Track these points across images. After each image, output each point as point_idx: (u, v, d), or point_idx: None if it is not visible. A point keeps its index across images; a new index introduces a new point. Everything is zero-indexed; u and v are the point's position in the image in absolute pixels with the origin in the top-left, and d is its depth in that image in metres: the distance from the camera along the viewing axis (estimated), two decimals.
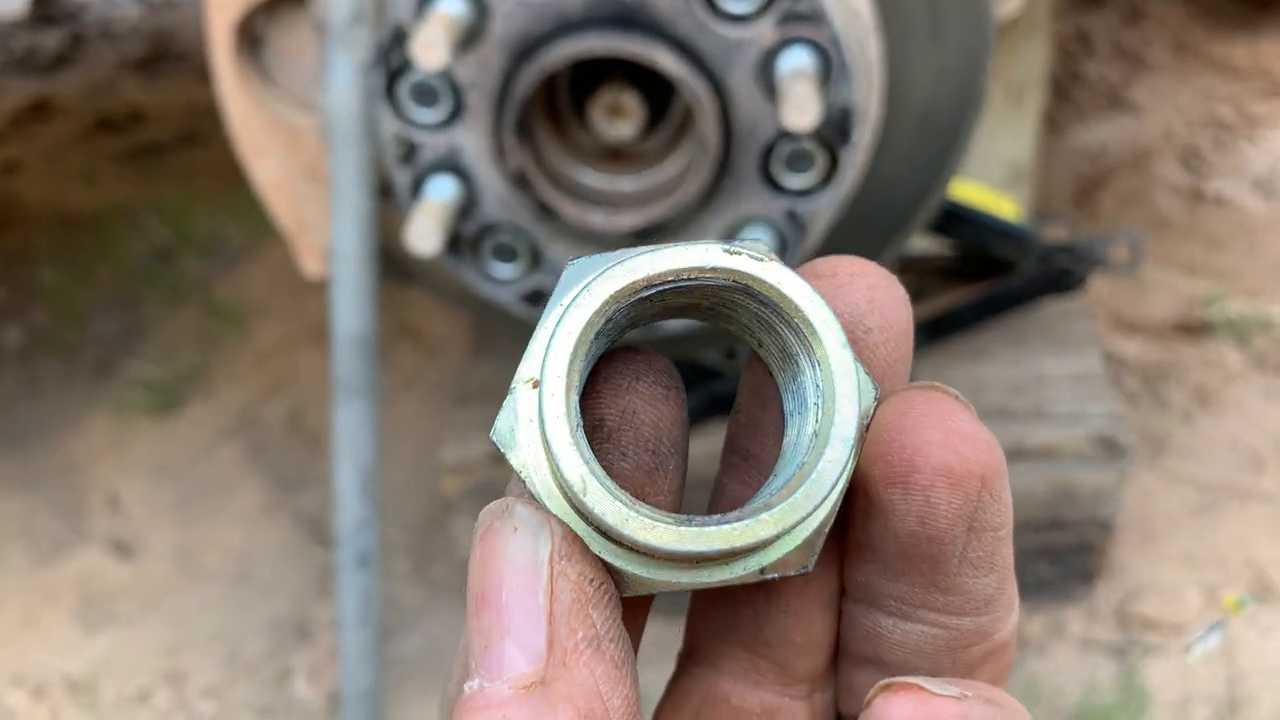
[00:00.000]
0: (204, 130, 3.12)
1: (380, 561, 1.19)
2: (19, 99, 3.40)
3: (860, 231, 1.30)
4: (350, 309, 1.11)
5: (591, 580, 0.33)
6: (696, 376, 1.77)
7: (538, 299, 1.20)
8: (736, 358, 1.79)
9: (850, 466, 0.34)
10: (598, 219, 1.15)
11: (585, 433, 0.34)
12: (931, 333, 1.80)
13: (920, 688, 0.32)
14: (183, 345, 2.68)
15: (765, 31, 1.02)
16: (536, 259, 1.18)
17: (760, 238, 1.15)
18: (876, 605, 0.37)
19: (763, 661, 0.39)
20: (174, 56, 3.55)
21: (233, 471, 2.39)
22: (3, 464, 2.46)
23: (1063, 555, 1.88)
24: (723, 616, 0.40)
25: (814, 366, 0.35)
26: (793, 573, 0.35)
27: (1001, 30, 2.17)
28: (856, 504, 0.36)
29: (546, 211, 1.14)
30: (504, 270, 1.18)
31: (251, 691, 1.97)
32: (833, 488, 0.34)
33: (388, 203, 1.21)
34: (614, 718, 0.32)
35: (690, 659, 0.41)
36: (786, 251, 1.13)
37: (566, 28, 1.03)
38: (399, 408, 2.44)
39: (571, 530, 0.34)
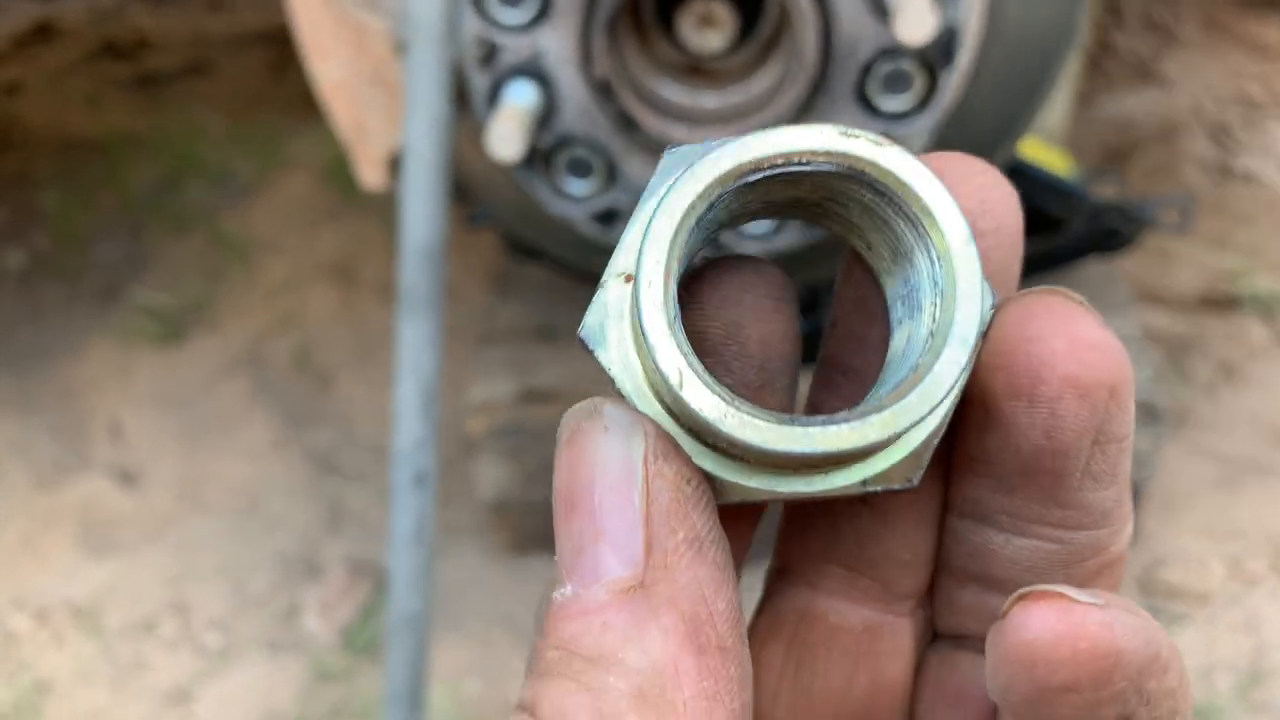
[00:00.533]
0: (212, 60, 3.04)
1: (434, 485, 1.16)
2: (21, 20, 3.30)
3: None
4: (422, 217, 1.07)
5: (689, 480, 0.31)
6: (812, 301, 1.72)
7: (610, 218, 1.16)
8: None
9: (967, 372, 0.32)
10: (680, 134, 1.11)
11: (693, 341, 0.32)
12: None
13: (1063, 595, 0.30)
14: (188, 275, 2.62)
15: None
16: (612, 176, 1.14)
17: None
18: (987, 520, 0.35)
19: (863, 579, 0.37)
20: None
21: (238, 405, 2.34)
22: (3, 388, 2.40)
23: None
24: (820, 533, 0.37)
25: (933, 262, 0.32)
26: (896, 486, 0.33)
27: None
28: (971, 416, 0.33)
29: (628, 124, 1.10)
30: (578, 186, 1.14)
31: (259, 625, 1.93)
32: (950, 391, 0.31)
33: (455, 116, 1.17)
34: (719, 621, 0.30)
35: (783, 577, 0.38)
36: None
37: None
38: None
39: (665, 431, 0.31)
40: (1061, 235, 1.72)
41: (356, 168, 1.26)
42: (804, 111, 1.09)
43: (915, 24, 0.95)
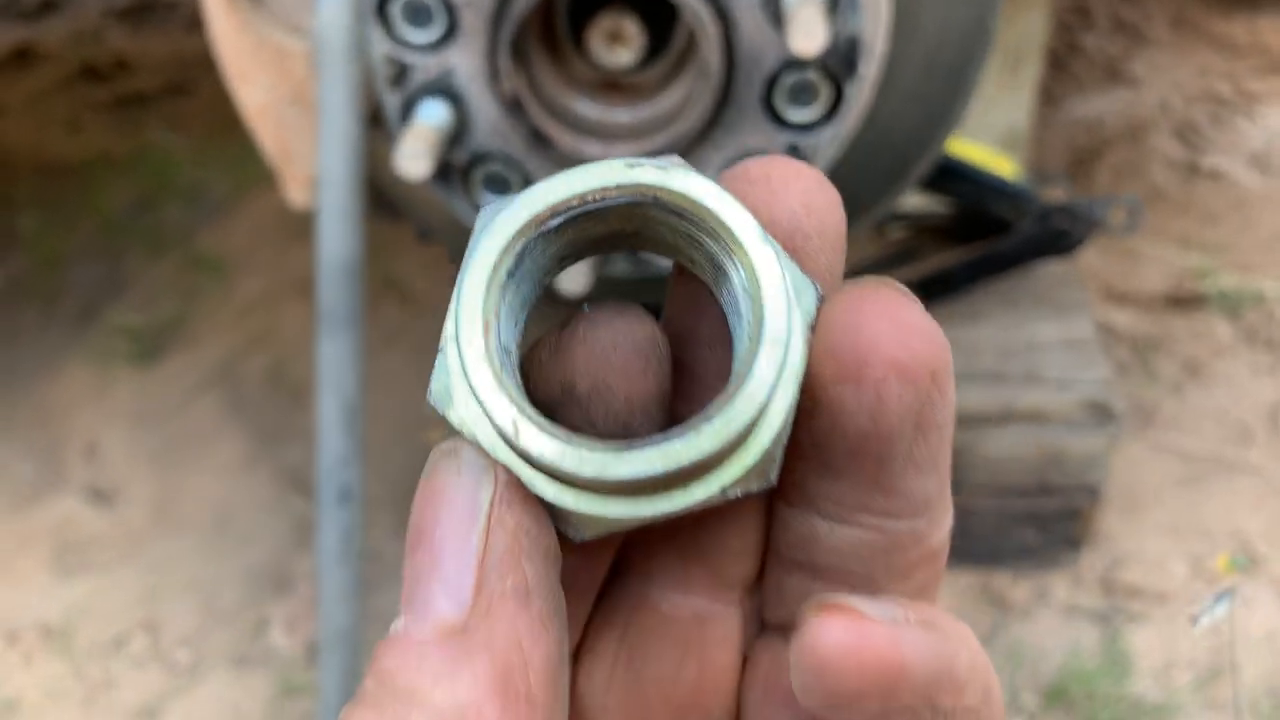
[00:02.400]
0: (191, 80, 3.07)
1: (362, 502, 1.17)
2: (2, 45, 3.34)
3: (862, 173, 1.27)
4: (336, 235, 1.08)
5: (529, 532, 0.32)
6: None
7: None
8: None
9: (792, 368, 0.32)
10: (593, 150, 1.12)
11: (558, 394, 0.33)
12: (925, 293, 1.78)
13: (854, 609, 0.30)
14: (164, 295, 2.64)
15: None
16: None
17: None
18: (813, 508, 0.36)
19: (695, 568, 0.38)
20: (162, 6, 3.49)
21: (213, 423, 2.36)
22: None
23: (1049, 522, 1.87)
24: (655, 526, 0.38)
25: (738, 269, 0.33)
26: (755, 488, 0.33)
27: None
28: (801, 405, 0.34)
29: (540, 140, 1.11)
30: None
31: (228, 640, 1.95)
32: (773, 389, 0.32)
33: (376, 133, 1.18)
34: (532, 673, 0.31)
35: (621, 567, 0.39)
36: None
37: None
38: (382, 363, 2.41)
39: (516, 479, 0.32)
40: (1009, 237, 1.72)
41: (284, 188, 1.27)
42: (712, 125, 1.10)
43: (806, 35, 0.96)
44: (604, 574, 0.38)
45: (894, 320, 0.32)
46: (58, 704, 1.88)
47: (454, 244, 1.47)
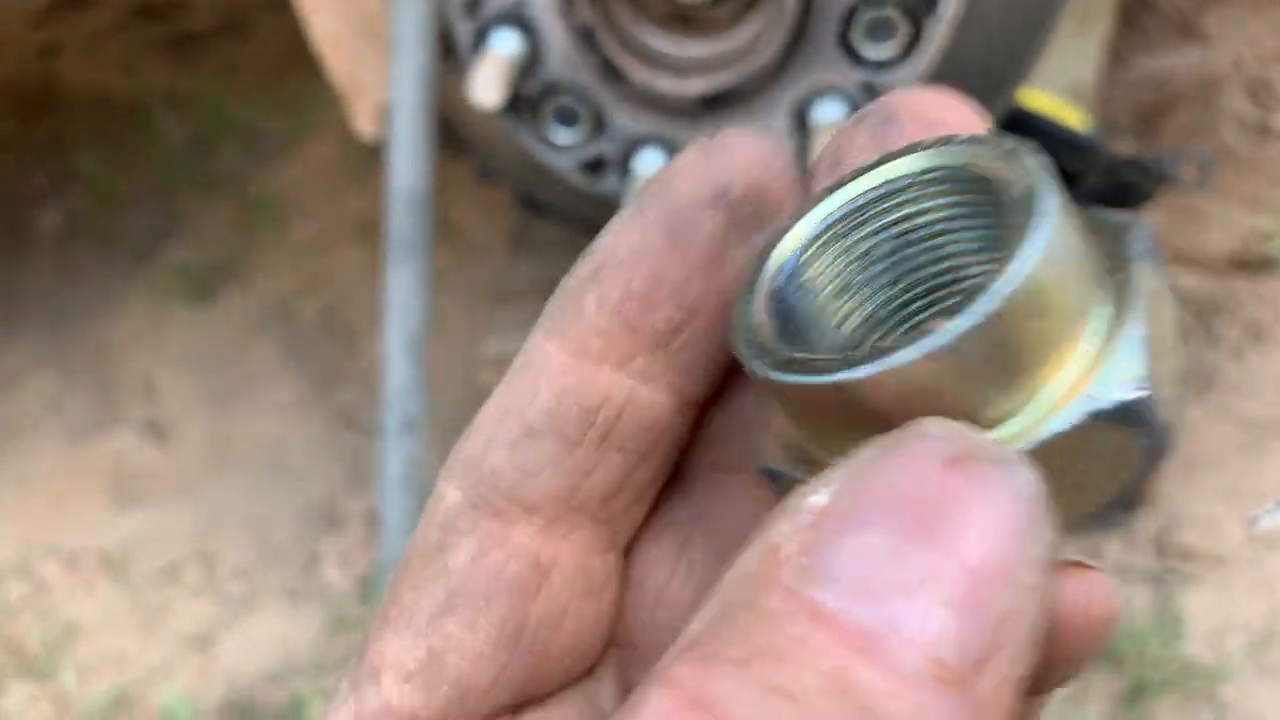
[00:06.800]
0: (246, 21, 3.07)
1: (425, 431, 1.17)
2: None
3: None
4: (407, 163, 1.08)
5: None
6: None
7: (597, 167, 1.16)
8: None
9: None
10: (665, 83, 1.11)
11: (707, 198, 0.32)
12: None
13: (1085, 564, 0.30)
14: (219, 236, 2.66)
15: None
16: (599, 124, 1.15)
17: (834, 110, 1.11)
18: None
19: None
20: None
21: (267, 363, 2.39)
22: (38, 345, 2.47)
23: None
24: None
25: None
26: None
27: None
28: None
29: (612, 72, 1.10)
30: (565, 135, 1.15)
31: (280, 574, 1.98)
32: None
33: (445, 66, 1.17)
34: None
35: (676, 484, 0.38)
36: None
37: None
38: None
39: None
40: (1076, 189, 1.69)
41: (352, 118, 1.27)
42: (787, 60, 1.08)
43: None
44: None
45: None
46: (116, 629, 1.92)
47: (516, 181, 1.46)
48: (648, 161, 1.16)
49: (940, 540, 0.23)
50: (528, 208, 1.66)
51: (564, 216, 1.52)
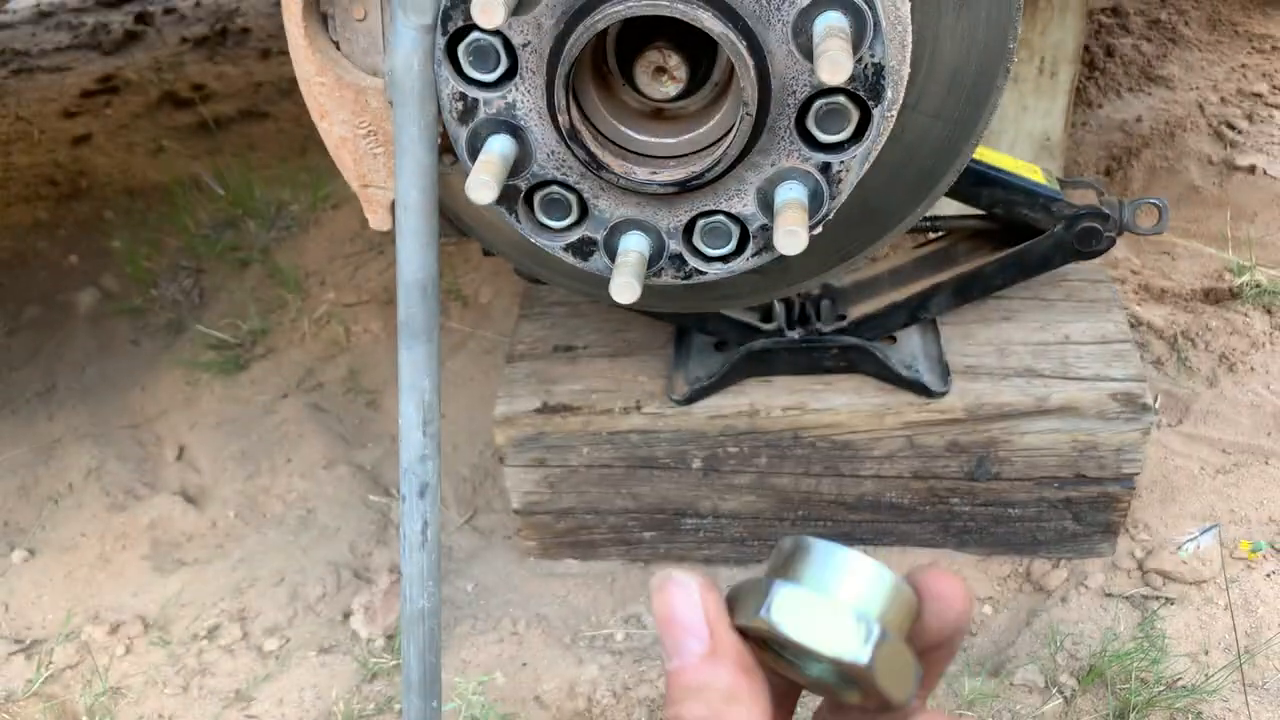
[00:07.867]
0: (265, 105, 3.25)
1: (438, 494, 1.30)
2: (88, 76, 3.54)
3: (891, 186, 1.37)
4: (414, 256, 1.21)
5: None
6: (735, 333, 1.86)
7: (585, 248, 1.29)
8: (773, 318, 1.88)
9: None
10: (642, 174, 1.24)
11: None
12: (960, 295, 1.88)
13: None
14: (246, 308, 2.81)
15: None
16: (584, 211, 1.28)
17: (797, 190, 1.24)
18: None
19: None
20: (236, 33, 3.68)
21: (295, 427, 2.52)
22: (77, 419, 2.61)
23: (1086, 511, 1.95)
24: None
25: None
26: None
27: (1033, 5, 2.24)
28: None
29: (594, 166, 1.23)
30: (555, 221, 1.28)
31: (313, 629, 2.09)
32: None
33: (444, 161, 1.31)
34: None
35: None
36: (820, 201, 1.21)
37: None
38: (449, 368, 2.56)
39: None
40: (1040, 241, 1.81)
41: (366, 213, 1.41)
42: (750, 147, 1.21)
43: (832, 67, 1.06)
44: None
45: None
46: (157, 690, 2.03)
47: (515, 260, 1.60)
48: (630, 242, 1.29)
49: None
50: (528, 280, 1.80)
51: (561, 286, 1.65)
